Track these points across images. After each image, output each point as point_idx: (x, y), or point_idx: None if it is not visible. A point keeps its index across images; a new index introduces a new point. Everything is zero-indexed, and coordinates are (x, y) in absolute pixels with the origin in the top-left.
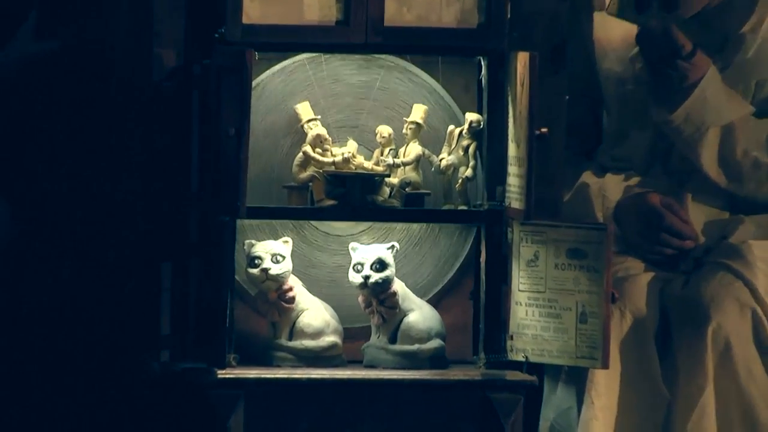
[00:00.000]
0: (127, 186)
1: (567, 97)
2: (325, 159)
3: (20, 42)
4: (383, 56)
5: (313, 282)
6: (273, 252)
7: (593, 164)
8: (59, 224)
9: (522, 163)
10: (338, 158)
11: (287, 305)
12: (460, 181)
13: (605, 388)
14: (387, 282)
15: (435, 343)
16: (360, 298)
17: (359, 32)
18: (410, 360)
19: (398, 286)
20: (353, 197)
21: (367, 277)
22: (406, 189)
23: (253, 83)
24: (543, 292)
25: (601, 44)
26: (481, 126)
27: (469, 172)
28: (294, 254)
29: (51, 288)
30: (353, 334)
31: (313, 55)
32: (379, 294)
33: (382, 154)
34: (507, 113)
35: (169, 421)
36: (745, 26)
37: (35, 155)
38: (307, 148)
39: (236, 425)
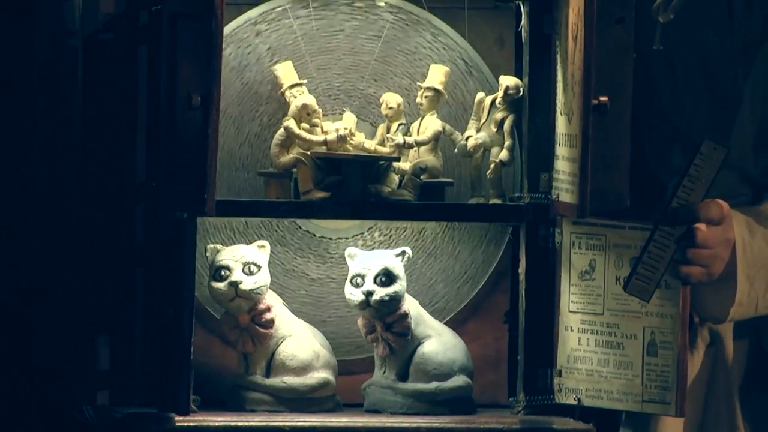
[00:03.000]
0: (53, 174)
1: (635, 54)
2: (314, 137)
3: None
4: (391, 0)
5: (298, 300)
6: (245, 260)
7: None
8: None
9: (575, 142)
10: (331, 136)
11: (264, 331)
12: (492, 166)
13: None
14: (396, 300)
15: (458, 380)
16: (360, 322)
17: None
18: (426, 402)
19: (410, 305)
20: (351, 188)
21: (369, 294)
22: (421, 177)
23: None
24: (601, 315)
25: None
26: (521, 93)
27: (504, 155)
28: (272, 263)
29: None
30: (351, 368)
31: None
32: (386, 316)
33: (389, 131)
34: (555, 76)
35: None
36: None
37: None
38: (290, 123)
39: None
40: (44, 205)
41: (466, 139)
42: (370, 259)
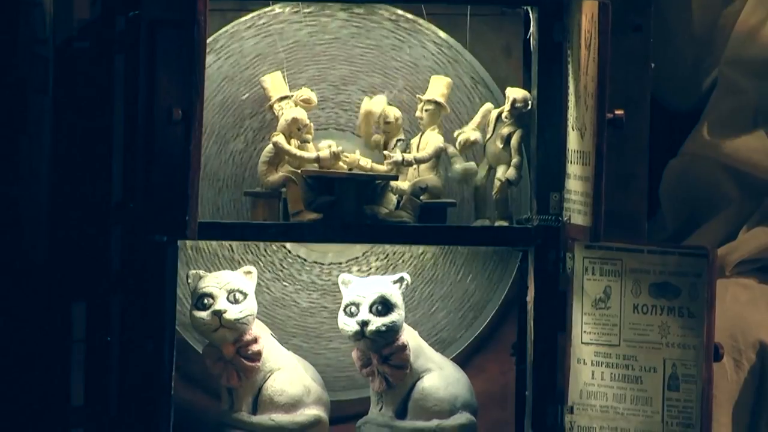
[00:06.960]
0: (21, 194)
1: (653, 64)
2: (306, 153)
3: None
4: (387, 6)
5: (288, 331)
6: (230, 287)
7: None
8: None
9: (588, 159)
10: (324, 152)
11: (250, 364)
12: (498, 185)
13: None
14: (393, 330)
15: (462, 417)
16: (354, 354)
17: None
18: None
19: (409, 336)
20: (345, 209)
21: (364, 324)
22: (421, 197)
23: None
24: (617, 346)
25: None
26: (529, 107)
27: (511, 173)
28: (259, 291)
29: None
30: (345, 405)
31: (288, 4)
32: (382, 348)
33: (386, 147)
34: (566, 88)
35: None
36: None
37: None
38: (279, 139)
39: None
40: (10, 226)
41: (457, 136)
42: (366, 287)
